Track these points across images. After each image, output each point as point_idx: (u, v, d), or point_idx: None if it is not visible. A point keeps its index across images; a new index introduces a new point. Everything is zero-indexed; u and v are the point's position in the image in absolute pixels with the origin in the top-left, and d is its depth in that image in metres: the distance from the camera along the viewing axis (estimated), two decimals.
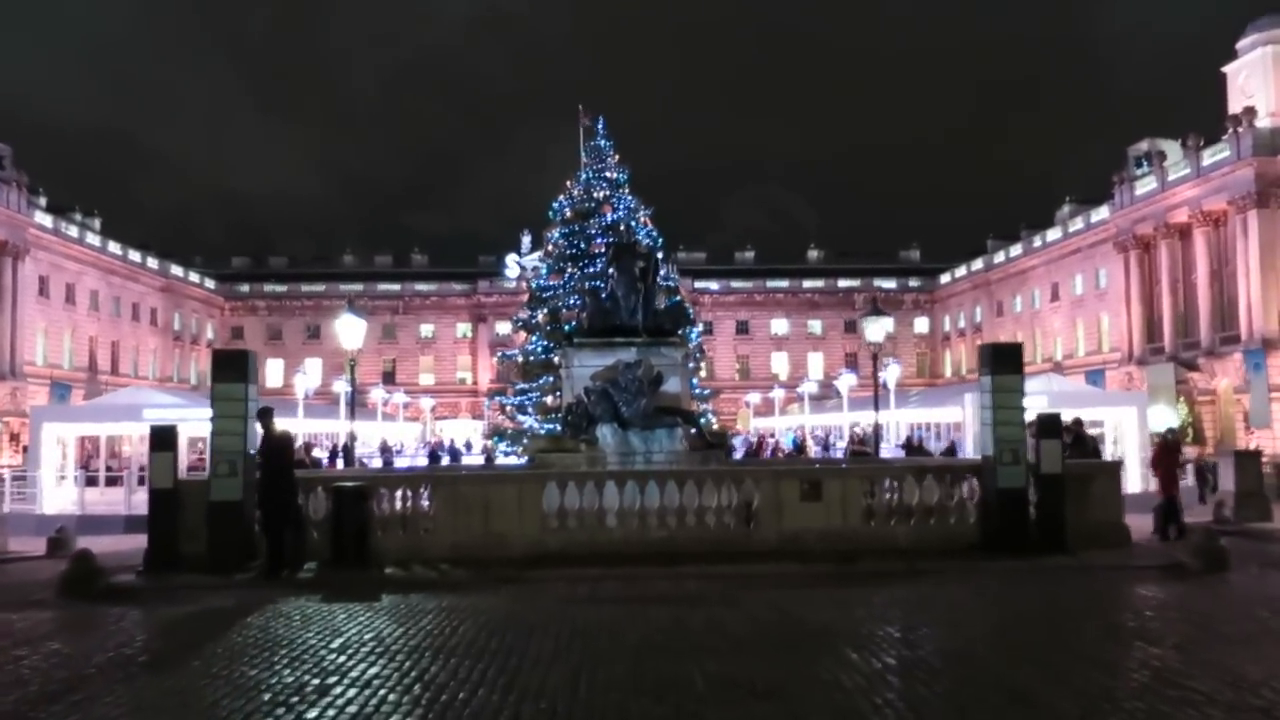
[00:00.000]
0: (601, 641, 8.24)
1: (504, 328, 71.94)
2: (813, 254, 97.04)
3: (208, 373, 15.44)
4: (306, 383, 47.15)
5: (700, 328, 40.48)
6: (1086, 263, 67.57)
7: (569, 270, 33.20)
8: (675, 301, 23.38)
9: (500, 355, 44.04)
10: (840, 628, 8.73)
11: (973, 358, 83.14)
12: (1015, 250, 77.63)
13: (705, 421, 24.00)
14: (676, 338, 19.33)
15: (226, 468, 12.82)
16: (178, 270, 79.48)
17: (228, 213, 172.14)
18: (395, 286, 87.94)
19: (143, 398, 34.74)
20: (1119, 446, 27.35)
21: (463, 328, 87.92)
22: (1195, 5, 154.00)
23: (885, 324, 21.26)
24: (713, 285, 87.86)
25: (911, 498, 14.01)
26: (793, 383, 73.00)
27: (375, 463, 36.53)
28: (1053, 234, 72.69)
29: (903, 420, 42.21)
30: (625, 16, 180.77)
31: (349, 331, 20.42)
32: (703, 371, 44.62)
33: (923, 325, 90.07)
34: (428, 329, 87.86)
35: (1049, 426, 13.59)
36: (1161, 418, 47.34)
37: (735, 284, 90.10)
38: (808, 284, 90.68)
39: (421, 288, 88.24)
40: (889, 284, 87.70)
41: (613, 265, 19.71)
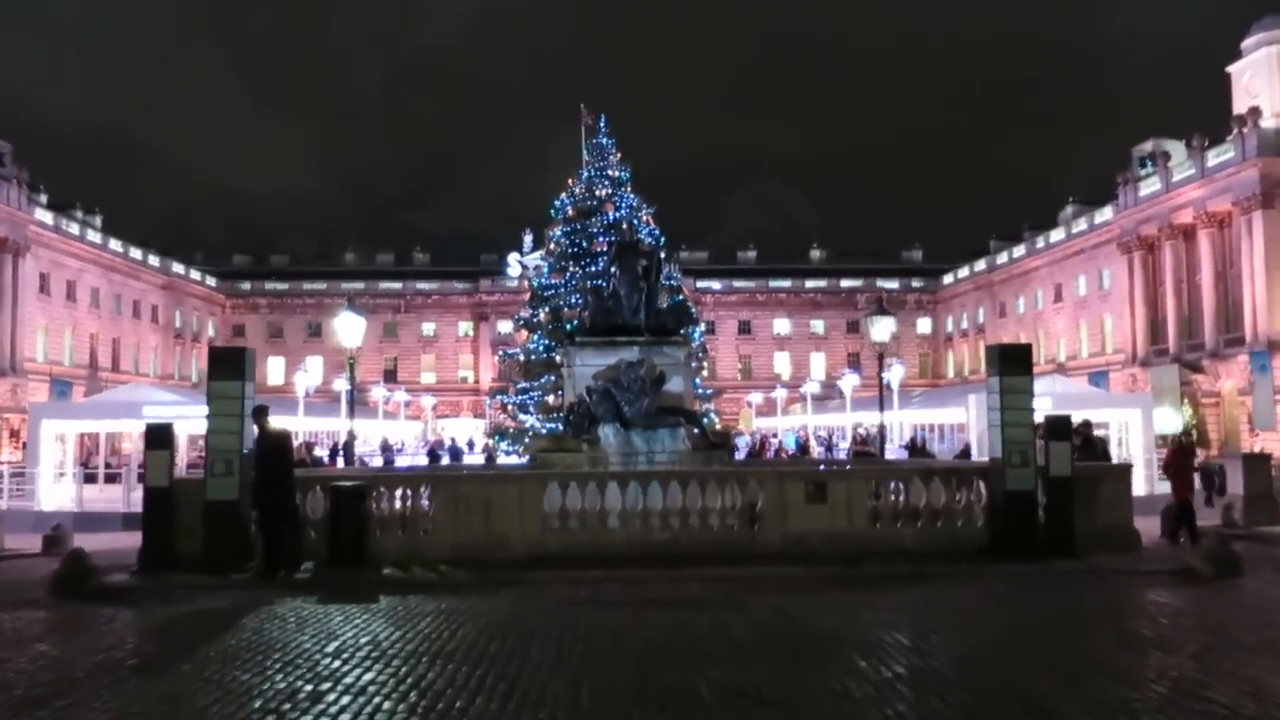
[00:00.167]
0: (604, 646, 8.04)
1: (506, 326, 71.79)
2: (815, 254, 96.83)
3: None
4: (307, 381, 47.00)
5: (702, 327, 40.26)
6: (1090, 263, 67.33)
7: (571, 269, 33.01)
8: (678, 300, 23.17)
9: (502, 354, 43.85)
10: (847, 633, 8.53)
11: (975, 359, 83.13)
12: (1018, 251, 77.40)
13: (708, 421, 23.81)
14: (679, 337, 19.14)
15: (223, 466, 12.62)
16: (179, 268, 79.35)
17: (229, 211, 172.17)
18: (397, 285, 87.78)
19: (142, 395, 34.61)
20: (1124, 448, 27.13)
21: (464, 326, 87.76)
22: (1199, 4, 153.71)
23: (890, 324, 21.04)
24: (715, 285, 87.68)
25: (918, 500, 13.80)
26: (795, 383, 72.82)
27: (376, 461, 36.35)
28: (1056, 234, 72.46)
29: (905, 421, 42.04)
30: (626, 16, 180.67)
31: (348, 329, 20.24)
32: (705, 371, 44.46)
33: (925, 326, 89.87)
34: (429, 327, 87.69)
35: (1058, 428, 13.38)
36: (1166, 420, 47.19)
37: (737, 284, 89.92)
38: (810, 284, 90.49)
39: (423, 286, 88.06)
40: (891, 284, 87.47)
41: (615, 263, 19.50)
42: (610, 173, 34.70)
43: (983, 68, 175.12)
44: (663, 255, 22.06)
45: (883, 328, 20.61)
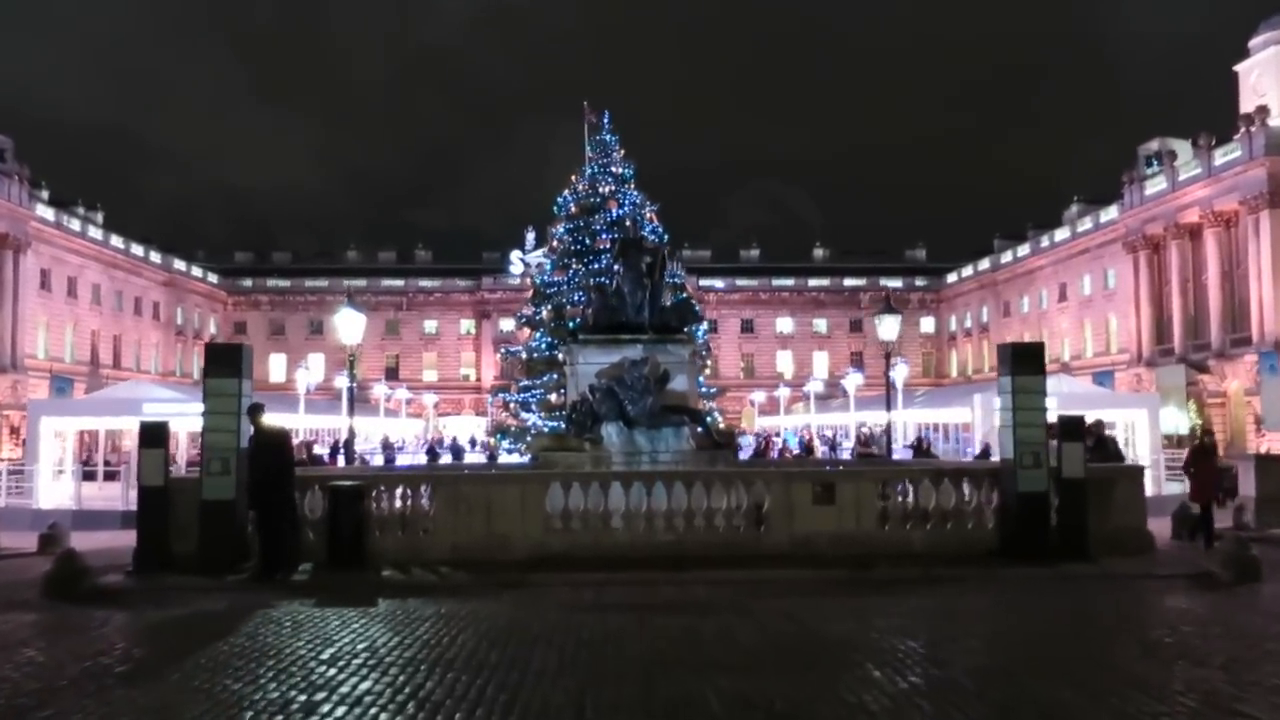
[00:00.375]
0: (608, 654, 7.77)
1: (508, 324, 71.56)
2: (818, 252, 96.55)
3: None
4: (308, 378, 46.79)
5: (705, 326, 39.99)
6: (1095, 263, 67.00)
7: (574, 266, 32.78)
8: (682, 298, 22.91)
9: (504, 352, 43.63)
10: (860, 641, 8.26)
11: (979, 358, 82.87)
12: (1023, 250, 77.06)
13: (712, 420, 23.57)
14: (684, 335, 18.91)
15: (219, 465, 12.36)
16: (180, 264, 79.16)
17: (231, 208, 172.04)
18: (399, 282, 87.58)
19: (142, 392, 34.39)
20: (1131, 449, 26.86)
21: (466, 324, 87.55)
22: (1206, 3, 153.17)
23: (898, 322, 20.77)
24: (717, 283, 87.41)
25: (927, 501, 13.54)
26: (798, 382, 72.56)
27: (377, 460, 36.13)
28: (1061, 234, 72.12)
29: (909, 421, 41.76)
30: (629, 14, 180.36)
31: (348, 326, 19.99)
32: (708, 370, 44.17)
33: (929, 325, 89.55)
34: (431, 325, 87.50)
35: (1071, 429, 13.10)
36: (1172, 420, 46.90)
37: (740, 282, 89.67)
38: (813, 283, 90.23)
39: (425, 284, 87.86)
40: (895, 283, 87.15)
41: (619, 260, 19.27)
42: (614, 169, 34.44)
43: (987, 66, 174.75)
44: (667, 252, 21.79)
45: (890, 326, 20.33)
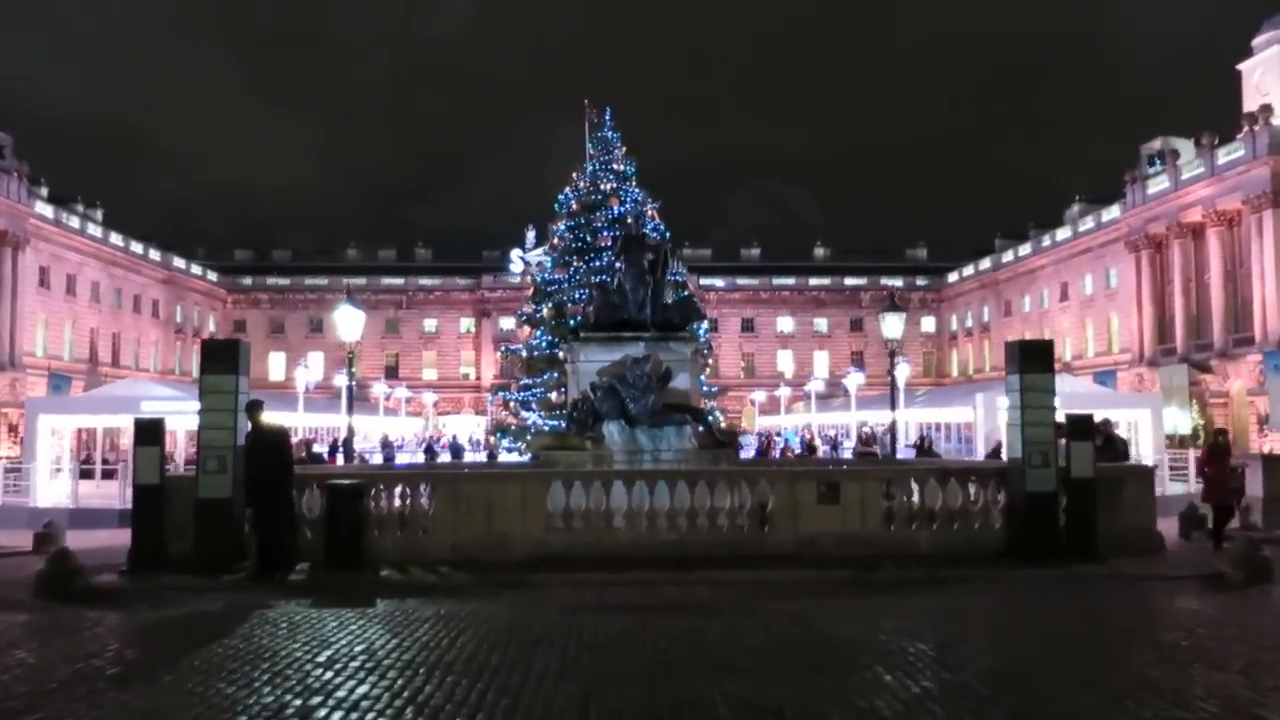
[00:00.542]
0: (612, 657, 7.58)
1: (508, 323, 71.40)
2: (819, 251, 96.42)
3: None
4: (307, 376, 46.61)
5: (706, 324, 39.79)
6: (1096, 262, 66.83)
7: (575, 264, 32.59)
8: (684, 295, 22.74)
9: (504, 350, 43.46)
10: (868, 643, 8.08)
11: (980, 358, 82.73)
12: (1024, 249, 76.91)
13: (713, 419, 23.38)
14: (686, 333, 18.72)
15: (215, 463, 12.17)
16: (180, 262, 78.99)
17: (231, 205, 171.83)
18: (399, 281, 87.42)
19: (140, 390, 34.22)
20: (1134, 449, 26.66)
21: (466, 323, 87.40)
22: (1209, 1, 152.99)
23: (902, 320, 20.59)
24: (718, 282, 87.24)
25: (934, 501, 13.35)
26: (798, 381, 72.41)
27: (376, 458, 35.96)
28: (1062, 233, 71.96)
29: (911, 420, 41.56)
30: (630, 12, 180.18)
31: (347, 323, 19.80)
32: (708, 369, 43.96)
33: (929, 324, 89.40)
34: (431, 324, 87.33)
35: (1080, 428, 12.92)
36: (1174, 420, 46.72)
37: (741, 281, 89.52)
38: (814, 282, 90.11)
39: (425, 282, 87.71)
40: (895, 282, 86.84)
41: (621, 257, 19.06)
42: (615, 167, 34.23)
43: (988, 65, 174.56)
44: (669, 250, 21.61)
45: (894, 323, 20.14)
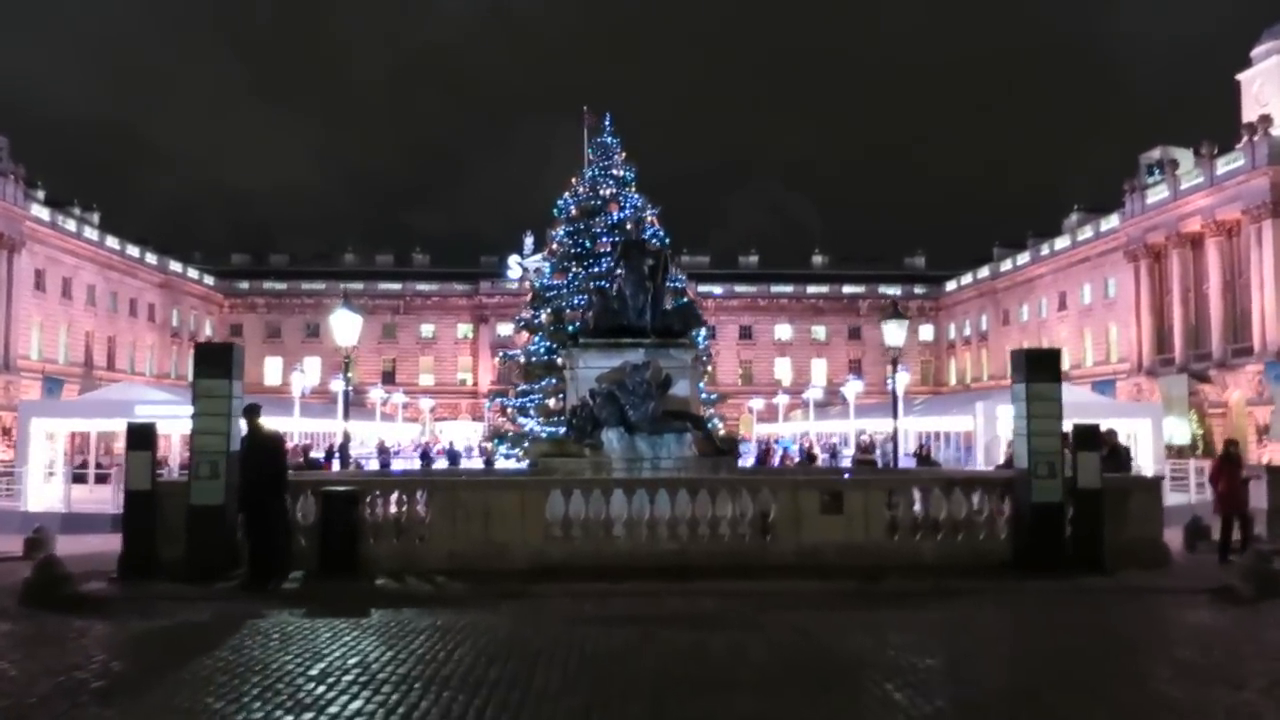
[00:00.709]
0: (614, 672, 7.37)
1: (505, 329, 71.19)
2: (817, 259, 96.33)
3: None
4: (304, 381, 46.31)
5: (704, 332, 39.62)
6: (1095, 272, 66.75)
7: (573, 269, 32.42)
8: (684, 302, 22.55)
9: (502, 355, 43.25)
10: (876, 658, 7.87)
11: (978, 366, 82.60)
12: (1022, 258, 76.85)
13: (712, 427, 23.19)
14: (686, 339, 18.53)
15: (208, 469, 11.96)
16: (176, 266, 78.68)
17: (228, 209, 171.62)
18: (396, 286, 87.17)
19: (134, 394, 33.96)
20: (1134, 459, 26.46)
21: (464, 328, 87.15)
22: (1208, 10, 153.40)
23: (905, 327, 20.41)
24: (716, 289, 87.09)
25: (938, 511, 13.16)
26: (796, 389, 72.17)
27: (372, 464, 35.69)
28: (1061, 242, 71.91)
29: (909, 429, 41.35)
30: (628, 19, 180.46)
31: (344, 327, 19.58)
32: (707, 375, 43.75)
33: (927, 333, 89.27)
34: (428, 329, 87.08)
35: (1086, 438, 12.75)
36: (1174, 430, 46.57)
37: (739, 288, 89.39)
38: (812, 289, 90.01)
39: (423, 287, 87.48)
40: (894, 291, 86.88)
41: (621, 263, 18.85)
42: (615, 172, 34.09)
43: (988, 74, 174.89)
44: (669, 255, 21.42)
45: (896, 331, 19.97)
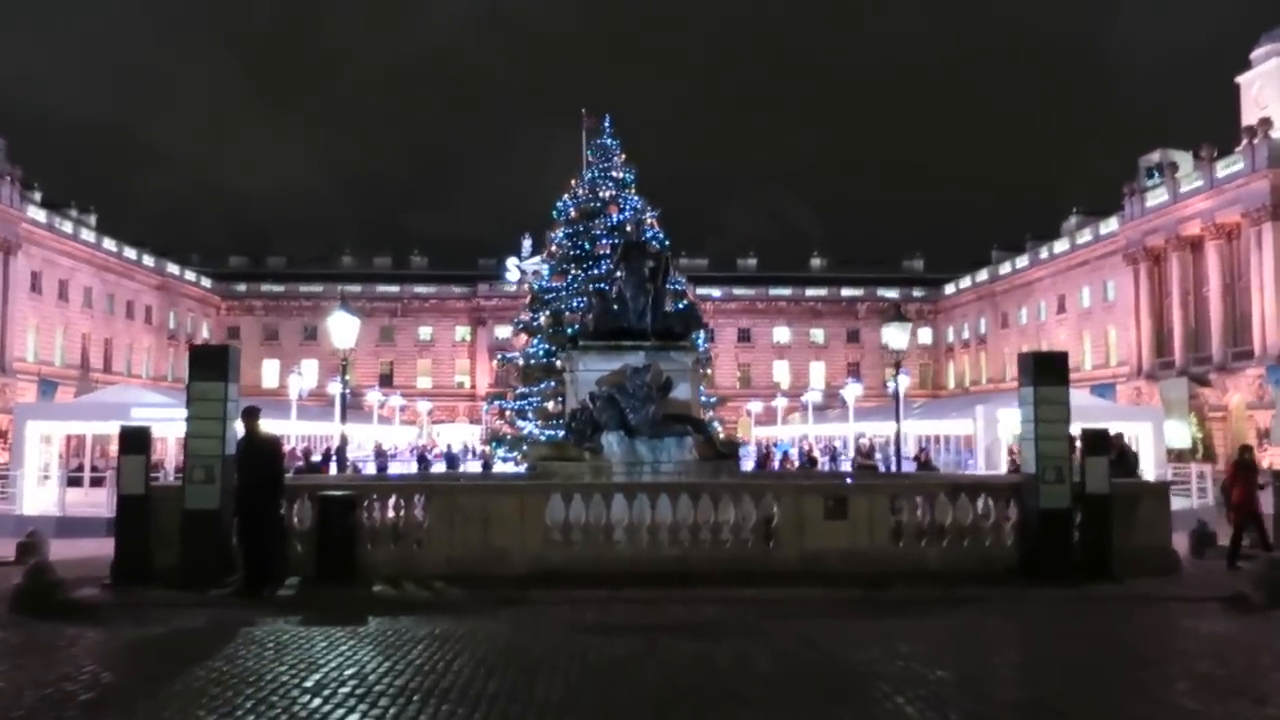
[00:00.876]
0: (617, 684, 7.18)
1: (503, 331, 71.00)
2: (816, 262, 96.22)
3: None
4: (301, 384, 46.06)
5: (703, 335, 39.42)
6: (1094, 275, 66.65)
7: (573, 271, 32.24)
8: (685, 305, 22.39)
9: (500, 358, 43.03)
10: (886, 669, 7.68)
11: (977, 369, 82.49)
12: (1021, 261, 76.75)
13: (712, 430, 22.98)
14: (687, 342, 18.36)
15: (202, 473, 11.75)
16: (174, 268, 78.41)
17: (226, 211, 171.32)
18: (394, 288, 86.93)
19: (130, 396, 33.70)
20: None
21: (461, 331, 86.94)
22: (1207, 13, 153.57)
23: (908, 329, 20.23)
24: (714, 292, 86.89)
25: (943, 517, 12.98)
26: (794, 392, 71.99)
27: (369, 467, 35.46)
28: (1060, 245, 71.82)
29: (909, 432, 41.14)
30: (629, 22, 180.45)
31: (341, 329, 19.38)
32: (707, 377, 43.54)
33: (926, 336, 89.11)
34: (426, 332, 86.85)
35: (1095, 442, 12.57)
36: (1175, 433, 46.41)
37: (737, 291, 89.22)
38: (810, 292, 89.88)
39: (420, 290, 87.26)
40: (892, 294, 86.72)
41: (621, 264, 18.68)
42: (614, 174, 33.91)
43: (986, 77, 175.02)
44: (669, 258, 21.25)
45: (899, 334, 19.78)
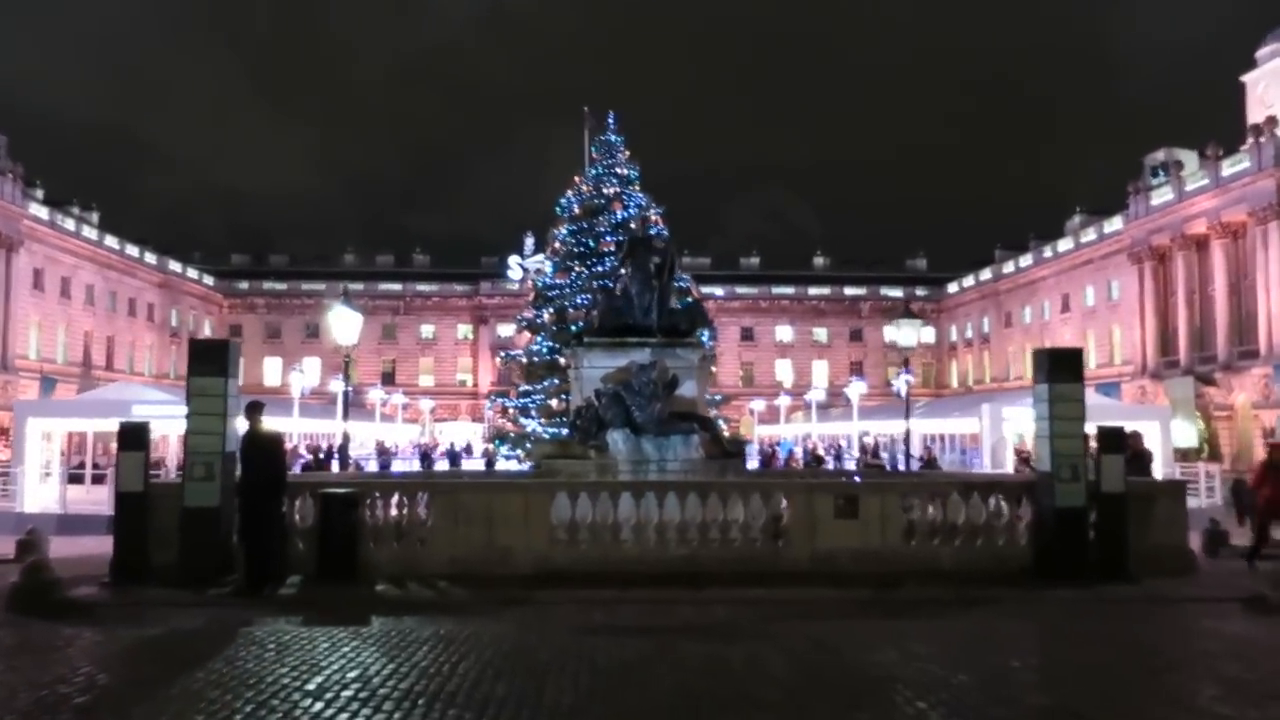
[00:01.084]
0: (628, 688, 6.95)
1: (505, 329, 70.78)
2: (818, 261, 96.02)
3: None
4: (303, 382, 45.86)
5: (708, 333, 39.16)
6: (1098, 274, 66.40)
7: (576, 269, 32.03)
8: (690, 301, 22.16)
9: (504, 356, 42.82)
10: (904, 673, 7.45)
11: (980, 368, 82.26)
12: (1025, 260, 76.51)
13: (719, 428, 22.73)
14: (693, 339, 18.14)
15: (202, 470, 11.55)
16: (176, 266, 78.31)
17: (228, 210, 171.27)
18: (396, 286, 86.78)
19: (131, 393, 33.52)
20: None
21: (464, 329, 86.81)
22: (1211, 12, 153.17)
23: (918, 327, 20.01)
24: (717, 291, 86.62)
25: (956, 516, 12.76)
26: (797, 391, 71.81)
27: (371, 465, 35.30)
28: (1064, 244, 71.56)
29: (913, 431, 40.91)
30: (630, 20, 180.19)
31: (343, 325, 19.17)
32: (713, 376, 43.31)
33: (928, 335, 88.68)
34: (428, 330, 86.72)
35: (1111, 440, 12.35)
36: (1181, 433, 46.16)
37: (740, 290, 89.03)
38: (813, 291, 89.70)
39: (423, 288, 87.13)
40: (895, 292, 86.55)
41: (627, 260, 18.45)
42: (619, 170, 33.67)
43: (990, 76, 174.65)
44: (675, 253, 21.01)
45: (909, 332, 19.56)
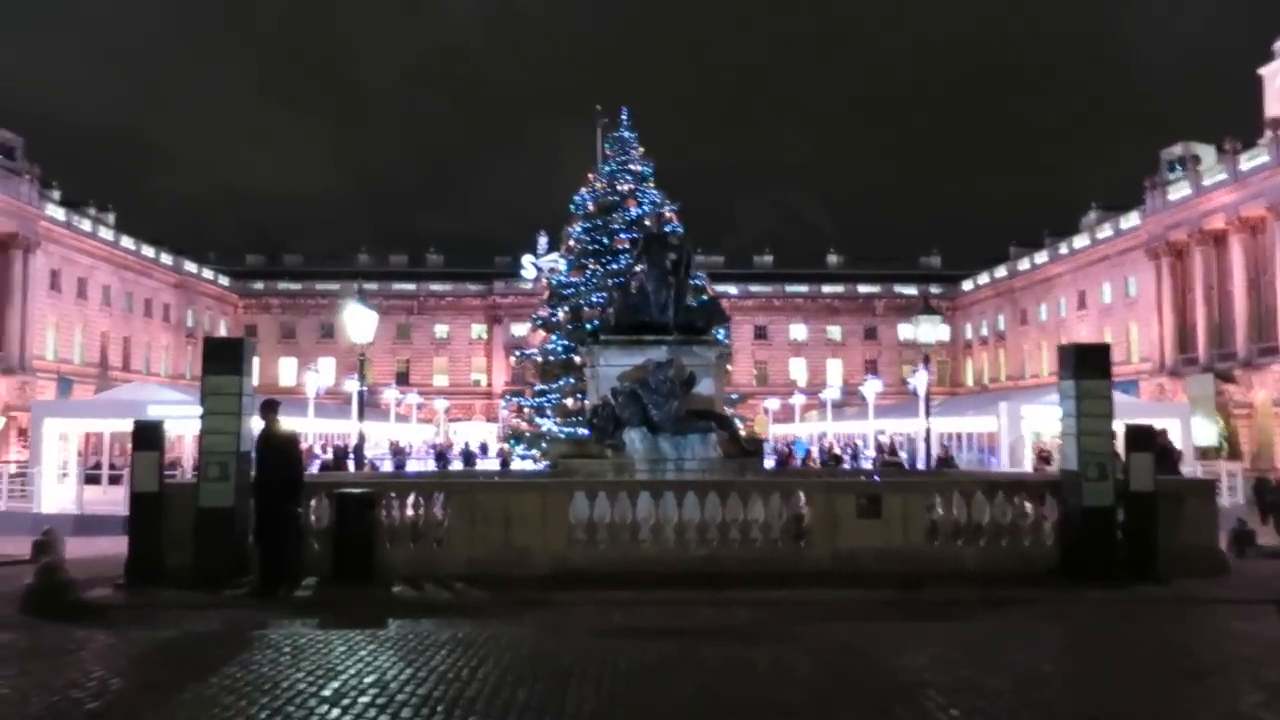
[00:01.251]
0: (652, 693, 6.77)
1: (520, 329, 70.72)
2: (832, 258, 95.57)
3: None
4: (318, 382, 45.90)
5: (723, 331, 38.97)
6: (1115, 270, 65.78)
7: (591, 266, 31.90)
8: (707, 299, 21.97)
9: (519, 355, 42.72)
10: (935, 677, 7.24)
11: (995, 366, 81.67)
12: (1040, 257, 75.91)
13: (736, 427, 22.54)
14: (709, 336, 17.96)
15: (217, 470, 11.43)
16: (191, 267, 78.63)
17: (242, 210, 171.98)
18: (410, 286, 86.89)
19: (147, 394, 33.61)
20: None
21: (478, 329, 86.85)
22: (1227, 4, 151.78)
23: (938, 323, 19.73)
24: (730, 289, 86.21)
25: (980, 515, 12.53)
26: (811, 389, 71.48)
27: (386, 465, 35.26)
28: (1080, 240, 70.95)
29: (930, 429, 40.61)
30: (639, 18, 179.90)
31: (358, 323, 19.06)
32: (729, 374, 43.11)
33: (943, 333, 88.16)
34: (442, 330, 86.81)
35: (1140, 439, 12.09)
36: (1201, 431, 45.68)
37: (753, 288, 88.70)
38: (827, 289, 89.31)
39: (436, 288, 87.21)
40: (909, 290, 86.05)
41: (643, 257, 18.28)
42: (633, 167, 33.52)
43: (1004, 71, 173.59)
44: (691, 250, 20.81)
45: (929, 329, 19.29)
